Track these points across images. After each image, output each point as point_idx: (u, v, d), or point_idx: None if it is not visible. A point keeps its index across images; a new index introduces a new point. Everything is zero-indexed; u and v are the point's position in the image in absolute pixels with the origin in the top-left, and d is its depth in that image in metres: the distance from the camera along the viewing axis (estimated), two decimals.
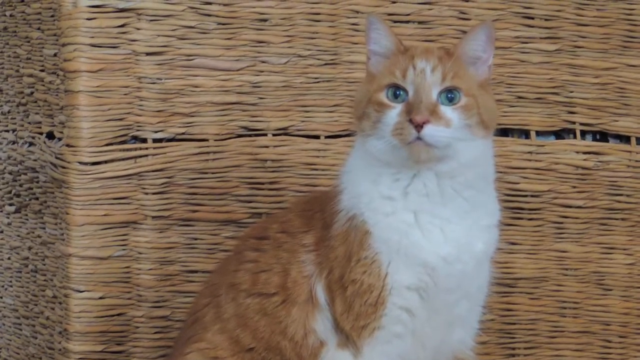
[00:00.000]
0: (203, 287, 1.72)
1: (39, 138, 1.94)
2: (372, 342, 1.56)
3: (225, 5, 1.84)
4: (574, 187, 1.98)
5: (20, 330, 2.04)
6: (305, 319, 1.59)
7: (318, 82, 1.88)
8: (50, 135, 1.91)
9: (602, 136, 2.00)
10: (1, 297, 2.14)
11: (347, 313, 1.57)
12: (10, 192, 2.08)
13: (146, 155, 1.83)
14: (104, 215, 1.82)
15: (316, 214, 1.62)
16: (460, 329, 1.59)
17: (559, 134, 1.98)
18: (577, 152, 1.98)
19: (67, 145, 1.83)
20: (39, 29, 1.92)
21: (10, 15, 2.03)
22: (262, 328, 1.61)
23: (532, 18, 1.95)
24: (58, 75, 1.85)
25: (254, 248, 1.64)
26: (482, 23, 1.55)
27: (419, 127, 1.48)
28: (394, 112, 1.51)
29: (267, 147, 1.87)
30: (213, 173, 1.85)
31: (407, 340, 1.57)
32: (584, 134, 1.99)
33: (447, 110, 1.50)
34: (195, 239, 1.85)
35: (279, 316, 1.60)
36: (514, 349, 1.98)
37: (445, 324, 1.57)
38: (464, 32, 1.91)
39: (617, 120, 2.00)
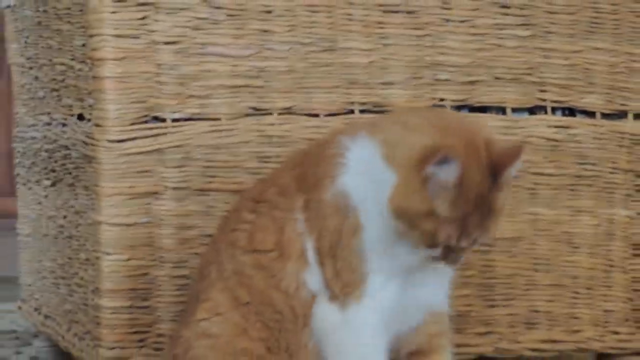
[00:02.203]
0: (209, 244, 1.69)
1: (71, 119, 1.94)
2: (358, 305, 1.54)
3: None
4: (546, 157, 1.98)
5: (58, 289, 2.05)
6: (297, 273, 1.56)
7: (317, 66, 1.87)
8: (81, 117, 1.90)
9: (571, 112, 2.00)
10: (41, 261, 2.15)
11: (336, 279, 1.54)
12: (46, 168, 2.09)
13: (165, 134, 1.82)
14: (130, 187, 1.81)
15: (309, 171, 1.58)
16: (429, 288, 1.58)
17: (532, 110, 1.98)
18: (549, 126, 1.98)
19: (96, 125, 1.82)
20: (68, 22, 1.91)
21: (44, 11, 2.03)
22: (257, 283, 1.57)
23: (508, 7, 1.94)
24: (86, 63, 1.84)
25: (251, 210, 1.60)
26: None
27: None
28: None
29: (273, 124, 1.86)
30: (225, 148, 1.84)
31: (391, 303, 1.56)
32: (554, 110, 1.99)
33: None
34: (211, 206, 1.84)
35: (274, 269, 1.56)
36: (493, 300, 1.97)
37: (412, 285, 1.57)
38: (447, 20, 1.91)
39: (583, 98, 1.99)
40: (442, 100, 1.91)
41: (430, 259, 1.52)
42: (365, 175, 1.53)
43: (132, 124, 1.80)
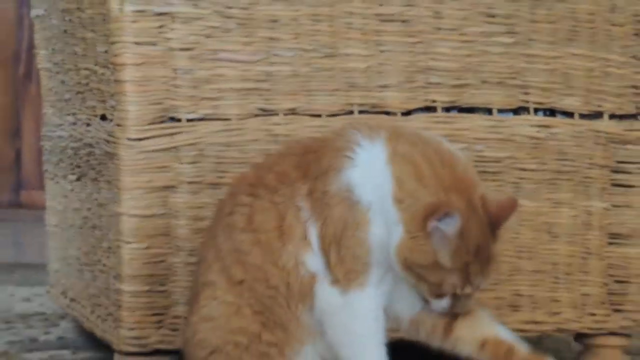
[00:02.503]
0: (206, 230, 1.67)
1: (94, 119, 1.95)
2: (360, 292, 1.53)
3: (243, 9, 1.84)
4: (528, 153, 1.98)
5: (83, 275, 2.06)
6: (297, 253, 1.54)
7: (320, 71, 1.88)
8: (103, 117, 1.91)
9: (551, 112, 1.99)
10: (67, 249, 2.16)
11: (340, 266, 1.53)
12: (72, 164, 2.10)
13: (181, 133, 1.83)
14: (148, 181, 1.82)
15: (312, 164, 1.56)
16: None
17: (516, 111, 1.98)
18: (531, 126, 1.97)
19: (117, 125, 1.83)
20: (92, 30, 1.93)
21: (69, 20, 2.04)
22: (253, 258, 1.55)
23: (494, 16, 1.94)
24: (108, 68, 1.85)
25: (248, 193, 1.58)
26: None
27: None
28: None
29: (279, 124, 1.87)
30: (236, 146, 1.85)
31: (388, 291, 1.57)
32: (536, 110, 1.98)
33: None
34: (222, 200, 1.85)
35: (273, 246, 1.54)
36: None
37: None
38: (438, 29, 1.91)
39: (563, 99, 1.99)
40: (434, 101, 1.92)
41: (439, 309, 1.52)
42: (374, 186, 1.52)
43: (150, 123, 1.81)
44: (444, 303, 1.52)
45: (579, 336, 2.05)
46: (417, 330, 1.58)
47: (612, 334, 2.01)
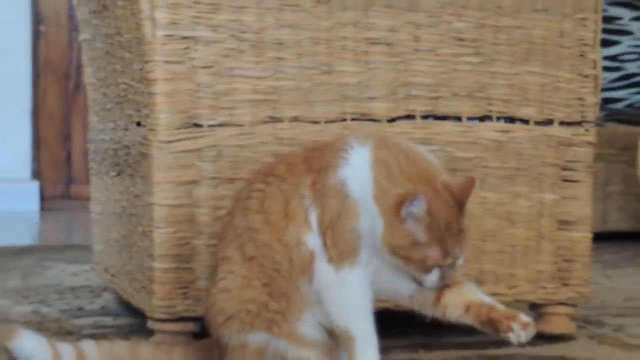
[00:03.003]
0: (227, 214, 1.70)
1: (131, 126, 2.00)
2: (351, 270, 1.56)
3: (255, 34, 1.89)
4: (492, 154, 2.01)
5: (122, 255, 2.09)
6: (299, 233, 1.56)
7: (319, 85, 1.91)
8: (139, 124, 1.94)
9: (511, 120, 2.05)
10: (109, 233, 2.21)
11: (334, 248, 1.55)
12: (112, 162, 2.15)
13: (203, 137, 1.86)
14: (176, 177, 1.85)
15: (316, 160, 1.59)
16: None
17: (482, 119, 2.03)
18: (495, 131, 2.03)
19: (150, 130, 1.86)
20: (129, 52, 1.95)
21: (111, 43, 2.10)
22: (262, 236, 1.57)
23: (464, 40, 2.00)
24: (143, 83, 1.88)
25: (262, 181, 1.62)
26: None
27: None
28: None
29: (284, 129, 1.89)
30: (248, 148, 1.88)
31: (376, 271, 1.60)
32: (499, 118, 2.04)
33: None
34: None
35: (279, 225, 1.56)
36: None
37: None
38: (417, 50, 1.96)
39: (521, 109, 2.04)
40: (414, 111, 1.96)
41: (432, 284, 1.54)
42: (360, 184, 1.55)
43: (178, 129, 1.84)
44: (433, 277, 1.53)
45: (533, 306, 2.08)
46: (412, 303, 1.62)
47: (561, 304, 2.05)
